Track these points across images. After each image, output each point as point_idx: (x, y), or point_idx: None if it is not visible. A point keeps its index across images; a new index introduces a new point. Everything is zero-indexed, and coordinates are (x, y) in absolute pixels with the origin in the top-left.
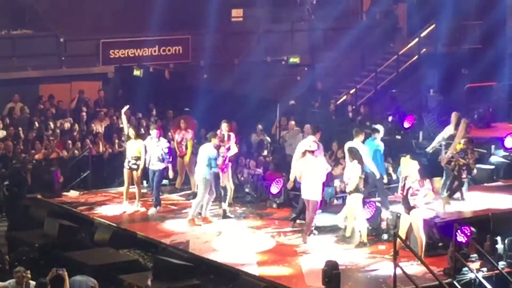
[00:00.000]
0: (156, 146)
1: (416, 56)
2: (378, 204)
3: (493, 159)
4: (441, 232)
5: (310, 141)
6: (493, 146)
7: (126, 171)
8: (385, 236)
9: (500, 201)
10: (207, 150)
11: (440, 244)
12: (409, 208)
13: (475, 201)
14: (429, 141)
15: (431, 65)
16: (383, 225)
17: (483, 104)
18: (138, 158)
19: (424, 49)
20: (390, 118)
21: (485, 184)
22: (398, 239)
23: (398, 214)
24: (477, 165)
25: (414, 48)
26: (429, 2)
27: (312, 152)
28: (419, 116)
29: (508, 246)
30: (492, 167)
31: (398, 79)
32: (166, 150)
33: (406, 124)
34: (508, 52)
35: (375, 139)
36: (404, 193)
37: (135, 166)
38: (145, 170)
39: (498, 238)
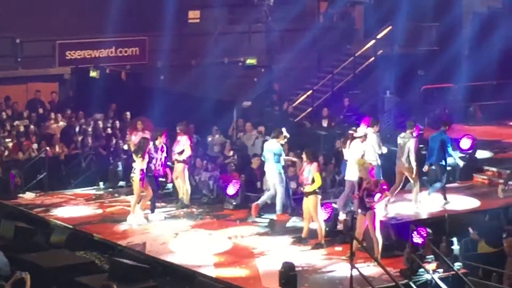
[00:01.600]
0: (163, 153)
1: (373, 58)
2: (335, 205)
3: (449, 160)
4: (398, 233)
5: (359, 130)
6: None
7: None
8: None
9: (456, 203)
10: (271, 146)
11: (397, 245)
12: (365, 209)
13: (431, 203)
14: (386, 142)
15: (388, 66)
16: (340, 226)
17: (439, 106)
18: None
19: (381, 51)
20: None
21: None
22: (354, 241)
23: (354, 215)
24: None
25: (371, 49)
26: (386, 3)
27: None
28: (376, 117)
29: (464, 247)
30: (448, 168)
31: (355, 80)
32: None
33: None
34: (465, 53)
35: (444, 132)
36: (360, 195)
37: None
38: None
39: (454, 239)
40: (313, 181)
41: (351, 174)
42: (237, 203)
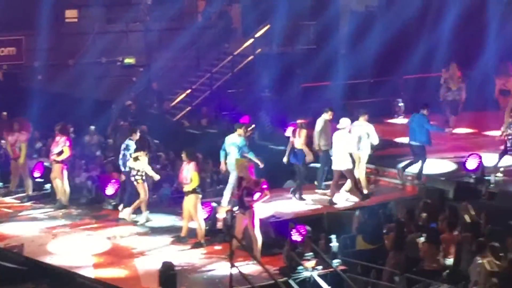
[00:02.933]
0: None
1: (251, 57)
2: (214, 204)
3: None
4: (277, 231)
5: (342, 121)
6: None
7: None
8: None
9: (335, 200)
10: (233, 140)
11: (276, 243)
12: (244, 208)
13: (310, 200)
14: (264, 140)
15: (266, 65)
16: (219, 225)
17: (317, 104)
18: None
19: (259, 49)
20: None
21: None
22: (234, 239)
23: (234, 214)
24: (311, 165)
25: (249, 48)
26: (264, 2)
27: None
28: (254, 116)
29: (342, 244)
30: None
31: (234, 79)
32: None
33: None
34: (342, 52)
35: (423, 115)
36: (240, 194)
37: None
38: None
39: (333, 237)
40: (191, 180)
41: (339, 164)
42: (116, 203)
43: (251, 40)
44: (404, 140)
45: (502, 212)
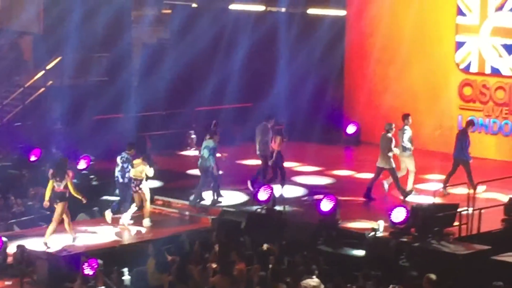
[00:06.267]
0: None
1: (43, 89)
2: (5, 239)
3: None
4: (69, 265)
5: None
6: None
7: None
8: None
9: (127, 233)
10: (207, 143)
11: (67, 277)
12: None
13: (103, 233)
14: None
15: (58, 97)
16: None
17: (110, 136)
18: None
19: (51, 82)
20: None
21: (113, 216)
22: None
23: (24, 249)
24: (104, 197)
25: (40, 80)
26: (55, 34)
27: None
28: (46, 149)
29: (135, 278)
30: (119, 198)
31: (25, 112)
32: None
33: (33, 158)
34: (134, 84)
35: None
36: None
37: None
38: None
39: (125, 270)
40: None
41: (382, 162)
42: None
43: (42, 72)
44: (196, 172)
45: (293, 243)
